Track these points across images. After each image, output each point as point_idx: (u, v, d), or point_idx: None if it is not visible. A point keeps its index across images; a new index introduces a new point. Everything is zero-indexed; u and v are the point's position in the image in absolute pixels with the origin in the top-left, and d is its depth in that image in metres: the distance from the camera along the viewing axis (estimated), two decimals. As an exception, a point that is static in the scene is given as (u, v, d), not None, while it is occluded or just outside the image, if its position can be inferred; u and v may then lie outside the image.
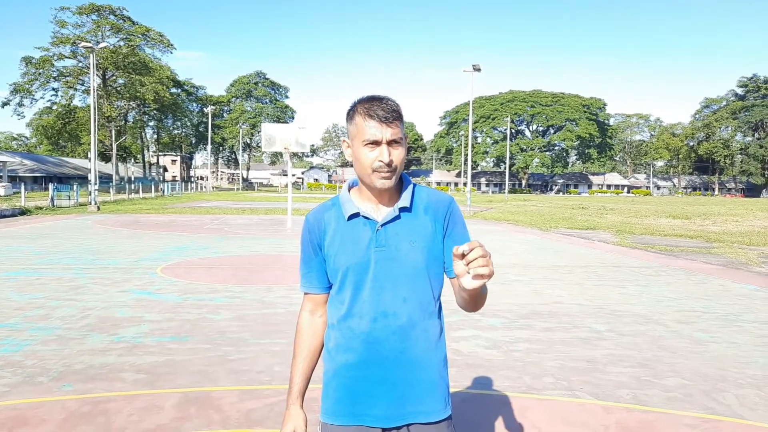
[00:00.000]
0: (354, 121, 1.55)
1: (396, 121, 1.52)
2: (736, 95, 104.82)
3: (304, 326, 1.71)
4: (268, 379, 4.15)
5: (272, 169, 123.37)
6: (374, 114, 1.50)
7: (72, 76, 56.07)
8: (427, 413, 1.57)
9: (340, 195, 1.65)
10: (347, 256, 1.57)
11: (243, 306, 6.53)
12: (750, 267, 10.74)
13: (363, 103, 1.55)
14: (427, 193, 1.63)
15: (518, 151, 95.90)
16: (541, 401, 3.83)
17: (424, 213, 1.60)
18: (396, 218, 1.57)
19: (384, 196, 1.59)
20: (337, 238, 1.59)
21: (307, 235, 1.66)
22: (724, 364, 4.69)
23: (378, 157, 1.50)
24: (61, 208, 25.54)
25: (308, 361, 1.71)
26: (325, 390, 1.64)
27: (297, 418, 1.67)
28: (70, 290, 7.24)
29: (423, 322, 1.58)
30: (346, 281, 1.58)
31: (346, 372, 1.58)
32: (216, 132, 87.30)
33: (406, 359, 1.56)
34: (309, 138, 18.75)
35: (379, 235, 1.56)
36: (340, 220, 1.60)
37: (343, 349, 1.59)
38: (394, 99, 1.56)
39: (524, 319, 6.16)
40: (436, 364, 1.60)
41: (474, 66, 36.18)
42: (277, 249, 12.17)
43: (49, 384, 3.95)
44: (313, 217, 1.66)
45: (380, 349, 1.55)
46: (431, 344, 1.59)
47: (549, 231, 18.44)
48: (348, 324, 1.58)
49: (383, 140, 1.50)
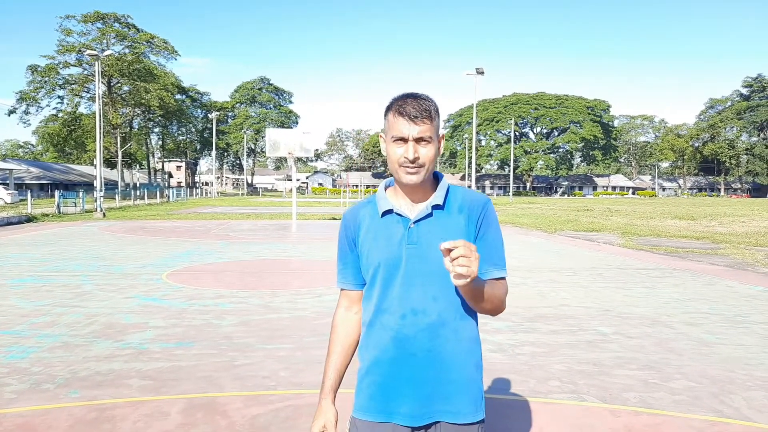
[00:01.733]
0: (387, 117, 1.58)
1: (426, 120, 1.52)
2: (741, 95, 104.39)
3: (339, 322, 1.73)
4: (273, 384, 4.15)
5: (277, 174, 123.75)
6: (404, 111, 1.52)
7: (77, 83, 56.47)
8: (455, 413, 1.56)
9: (377, 194, 1.67)
10: (379, 252, 1.59)
11: (248, 311, 6.53)
12: (757, 268, 10.67)
13: (398, 100, 1.56)
14: (462, 193, 1.64)
15: (522, 153, 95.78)
16: (548, 405, 3.81)
17: (458, 212, 1.60)
18: (428, 216, 1.58)
19: (417, 194, 1.60)
20: (371, 234, 1.62)
21: (343, 231, 1.69)
22: (732, 366, 4.66)
23: (404, 153, 1.52)
24: (67, 214, 25.66)
25: (342, 357, 1.71)
26: (359, 385, 1.65)
27: (328, 413, 1.66)
28: (75, 297, 7.27)
29: (454, 322, 1.57)
30: (377, 277, 1.60)
31: (377, 368, 1.60)
32: (220, 138, 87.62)
33: (435, 358, 1.56)
34: (313, 143, 18.79)
35: (411, 232, 1.57)
36: (375, 217, 1.63)
37: (374, 345, 1.61)
38: (431, 98, 1.56)
39: (530, 322, 6.14)
40: (466, 365, 1.59)
41: (477, 69, 36.20)
42: (282, 254, 12.18)
43: (56, 391, 3.96)
44: (350, 213, 1.69)
45: (409, 346, 1.56)
46: (462, 345, 1.58)
47: (554, 233, 18.38)
48: (379, 320, 1.60)
49: (410, 137, 1.52)
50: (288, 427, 3.41)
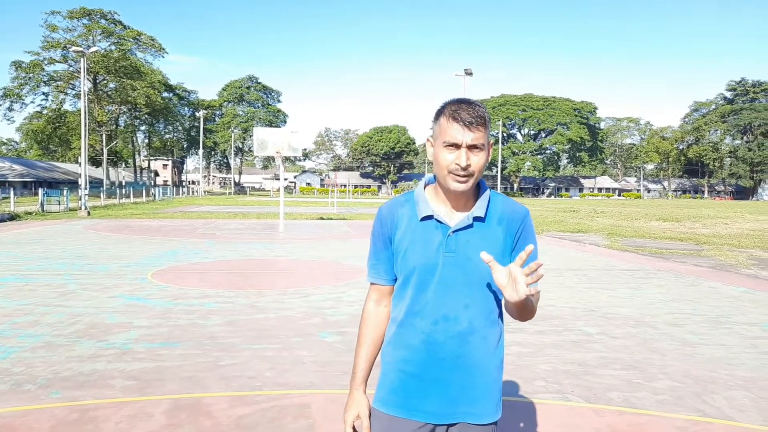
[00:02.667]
0: (439, 121, 1.56)
1: (480, 127, 1.51)
2: (725, 99, 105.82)
3: (369, 315, 1.74)
4: (259, 384, 4.12)
5: (264, 173, 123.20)
6: (459, 117, 1.51)
7: (62, 80, 55.80)
8: (478, 415, 1.60)
9: (415, 192, 1.67)
10: (416, 256, 1.59)
11: (234, 311, 6.49)
12: (739, 269, 10.82)
13: (451, 105, 1.55)
14: (503, 203, 1.64)
15: (510, 154, 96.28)
16: (533, 405, 3.83)
17: (497, 224, 1.60)
18: (469, 226, 1.58)
19: (459, 200, 1.60)
20: (408, 236, 1.61)
21: (379, 228, 1.68)
22: (714, 366, 4.72)
23: (455, 160, 1.51)
24: (51, 213, 25.34)
25: (372, 348, 1.72)
26: (382, 378, 1.67)
27: (361, 404, 1.68)
28: (59, 296, 7.18)
29: (484, 329, 1.61)
30: (411, 280, 1.61)
31: (404, 366, 1.62)
32: (208, 136, 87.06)
33: (463, 363, 1.58)
34: (301, 142, 18.74)
35: (449, 241, 1.57)
36: (413, 219, 1.62)
37: (402, 344, 1.63)
38: (484, 105, 1.56)
39: (516, 322, 6.17)
40: (493, 368, 1.63)
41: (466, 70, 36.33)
42: (269, 253, 12.13)
43: (37, 391, 3.90)
44: (387, 210, 1.68)
45: (438, 351, 1.58)
46: (490, 350, 1.62)
47: (540, 234, 18.49)
48: (410, 321, 1.62)
49: (463, 144, 1.51)
50: (274, 428, 3.40)
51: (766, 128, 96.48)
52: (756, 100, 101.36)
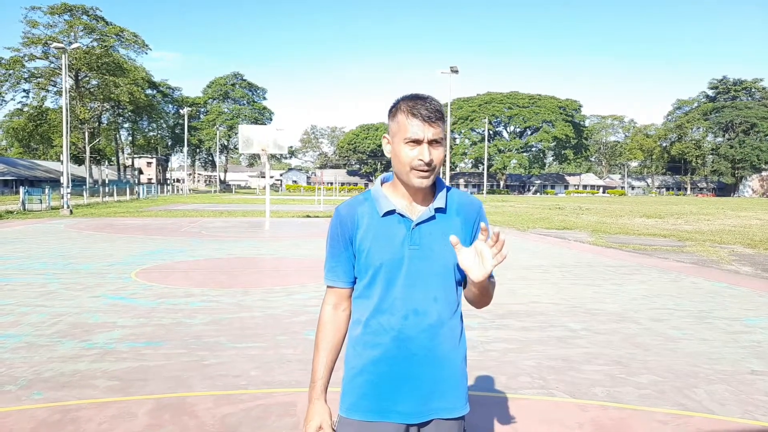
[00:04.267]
0: (396, 118, 1.55)
1: (438, 121, 1.52)
2: (707, 97, 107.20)
3: (328, 319, 1.68)
4: (244, 383, 4.10)
5: (250, 171, 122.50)
6: (417, 113, 1.51)
7: (44, 77, 54.95)
8: (449, 409, 1.60)
9: (373, 190, 1.65)
10: (381, 253, 1.57)
11: (219, 310, 6.45)
12: (721, 265, 10.98)
13: (407, 101, 1.55)
14: (459, 196, 1.67)
15: (496, 152, 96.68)
16: (518, 400, 3.85)
17: (456, 215, 1.63)
18: (431, 218, 1.59)
19: (419, 195, 1.61)
20: (371, 234, 1.59)
21: (338, 228, 1.64)
22: (696, 361, 4.78)
23: (418, 155, 1.51)
24: (33, 212, 24.97)
25: (332, 354, 1.68)
26: (349, 386, 1.63)
27: (323, 413, 1.63)
28: (40, 296, 7.08)
29: (450, 321, 1.61)
30: (378, 277, 1.58)
31: (373, 368, 1.59)
32: (192, 134, 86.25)
33: (434, 356, 1.58)
34: (287, 139, 18.64)
35: (413, 234, 1.57)
36: (374, 216, 1.60)
37: (370, 345, 1.60)
38: (437, 99, 1.56)
39: (501, 319, 6.21)
40: (459, 360, 1.63)
41: (452, 68, 36.37)
42: (254, 252, 12.07)
43: (18, 392, 3.85)
44: (346, 210, 1.64)
45: (410, 346, 1.57)
46: (455, 341, 1.63)
47: (526, 231, 18.61)
48: (378, 320, 1.59)
49: (425, 139, 1.51)
50: (258, 426, 3.38)
51: (747, 126, 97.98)
52: (737, 98, 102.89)
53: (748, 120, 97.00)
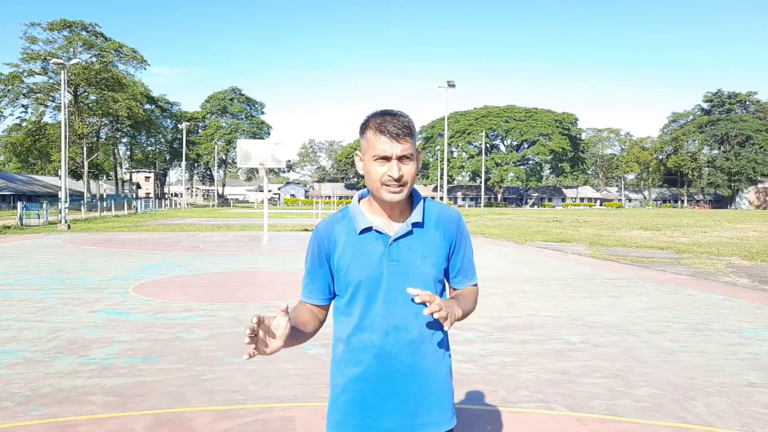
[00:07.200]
0: (366, 135, 1.56)
1: (407, 137, 1.52)
2: (702, 110, 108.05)
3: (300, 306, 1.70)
4: (242, 398, 4.09)
5: (248, 185, 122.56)
6: (385, 130, 1.51)
7: (42, 92, 55.12)
8: (436, 424, 1.60)
9: (350, 207, 1.66)
10: (359, 270, 1.58)
11: (217, 324, 6.44)
12: (718, 277, 11.00)
13: (375, 118, 1.55)
14: (437, 208, 1.66)
15: (493, 165, 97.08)
16: (516, 414, 3.85)
17: (434, 228, 1.63)
18: (408, 233, 1.59)
19: (395, 210, 1.61)
20: (349, 252, 1.59)
21: (315, 247, 1.65)
22: (694, 373, 4.78)
23: (387, 172, 1.52)
24: (31, 226, 24.93)
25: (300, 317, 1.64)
26: (334, 404, 1.64)
27: None
28: (38, 311, 7.06)
29: (432, 336, 1.61)
30: (358, 295, 1.59)
31: (356, 386, 1.59)
32: (191, 148, 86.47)
33: (417, 372, 1.58)
34: (285, 153, 18.73)
35: (392, 250, 1.57)
36: (352, 234, 1.60)
37: (353, 362, 1.60)
38: (407, 114, 1.57)
39: (499, 332, 6.21)
40: (443, 374, 1.63)
41: (449, 82, 36.63)
42: (252, 266, 12.06)
43: (15, 409, 3.83)
44: (324, 229, 1.65)
45: (392, 362, 1.57)
46: (439, 356, 1.63)
47: (524, 244, 18.63)
48: (359, 338, 1.59)
49: (393, 156, 1.51)
50: None
51: (742, 138, 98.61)
52: (732, 111, 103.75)
53: (744, 132, 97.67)
